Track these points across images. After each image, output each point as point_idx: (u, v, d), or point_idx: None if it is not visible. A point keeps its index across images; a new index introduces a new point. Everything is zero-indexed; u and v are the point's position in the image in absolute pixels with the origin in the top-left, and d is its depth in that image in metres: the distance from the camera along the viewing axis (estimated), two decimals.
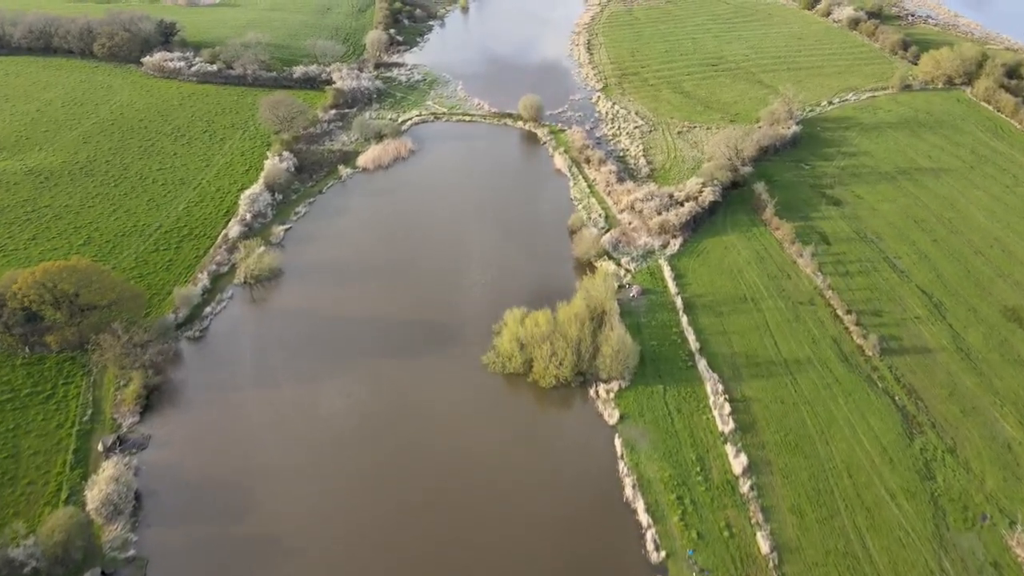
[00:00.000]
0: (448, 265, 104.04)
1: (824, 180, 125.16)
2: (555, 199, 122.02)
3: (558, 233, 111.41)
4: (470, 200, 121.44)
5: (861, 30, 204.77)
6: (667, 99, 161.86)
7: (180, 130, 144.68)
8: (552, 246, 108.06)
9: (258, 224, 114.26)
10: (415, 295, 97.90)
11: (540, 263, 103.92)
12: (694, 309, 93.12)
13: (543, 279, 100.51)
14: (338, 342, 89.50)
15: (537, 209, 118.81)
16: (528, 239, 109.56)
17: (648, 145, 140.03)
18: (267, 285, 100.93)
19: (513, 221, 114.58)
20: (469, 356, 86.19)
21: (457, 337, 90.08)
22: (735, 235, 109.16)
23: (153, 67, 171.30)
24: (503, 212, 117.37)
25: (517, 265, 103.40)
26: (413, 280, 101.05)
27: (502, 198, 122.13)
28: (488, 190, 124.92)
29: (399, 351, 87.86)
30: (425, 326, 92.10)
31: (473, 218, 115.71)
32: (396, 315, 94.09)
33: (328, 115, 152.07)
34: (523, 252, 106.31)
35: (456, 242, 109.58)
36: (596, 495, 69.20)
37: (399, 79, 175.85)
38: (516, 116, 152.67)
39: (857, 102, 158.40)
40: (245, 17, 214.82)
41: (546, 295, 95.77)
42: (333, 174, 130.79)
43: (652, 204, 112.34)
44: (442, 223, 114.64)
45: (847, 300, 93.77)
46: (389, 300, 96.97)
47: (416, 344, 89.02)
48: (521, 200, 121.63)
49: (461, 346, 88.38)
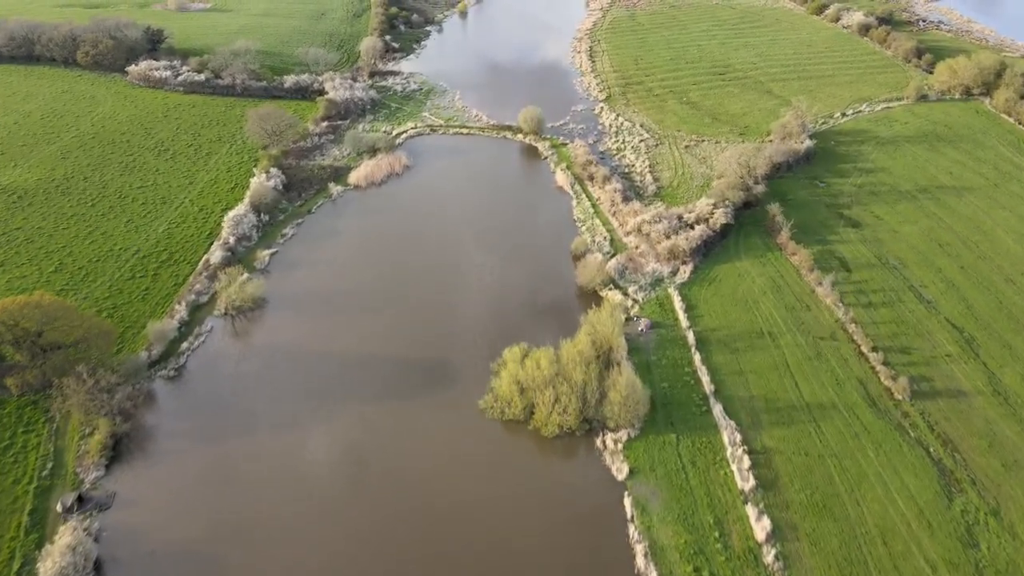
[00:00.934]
0: (443, 294, 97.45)
1: (841, 199, 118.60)
2: (557, 220, 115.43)
3: (561, 258, 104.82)
4: (467, 221, 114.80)
5: (872, 36, 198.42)
6: (673, 110, 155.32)
7: (164, 144, 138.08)
8: (554, 273, 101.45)
9: (242, 248, 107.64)
10: (408, 328, 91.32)
11: (542, 292, 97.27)
12: (707, 345, 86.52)
13: (545, 310, 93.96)
14: (324, 383, 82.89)
15: (538, 231, 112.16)
16: (529, 265, 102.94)
17: (654, 160, 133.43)
18: (250, 316, 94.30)
19: (512, 245, 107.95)
20: (465, 399, 79.62)
21: (452, 377, 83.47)
22: (749, 261, 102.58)
23: (138, 76, 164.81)
24: (502, 234, 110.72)
25: (517, 295, 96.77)
26: (406, 311, 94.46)
27: (501, 219, 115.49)
28: (486, 210, 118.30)
29: (390, 393, 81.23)
30: (418, 364, 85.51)
31: (470, 241, 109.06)
32: (387, 351, 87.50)
33: (319, 128, 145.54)
34: (523, 280, 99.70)
35: (452, 268, 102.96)
36: (604, 564, 62.59)
37: (394, 88, 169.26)
38: (516, 129, 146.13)
39: (871, 114, 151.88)
40: (236, 23, 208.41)
41: (548, 329, 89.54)
42: (323, 192, 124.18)
43: (660, 227, 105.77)
44: (437, 247, 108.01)
45: (872, 335, 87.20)
46: (380, 334, 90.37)
47: (408, 385, 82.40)
48: (521, 221, 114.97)
49: (456, 387, 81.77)
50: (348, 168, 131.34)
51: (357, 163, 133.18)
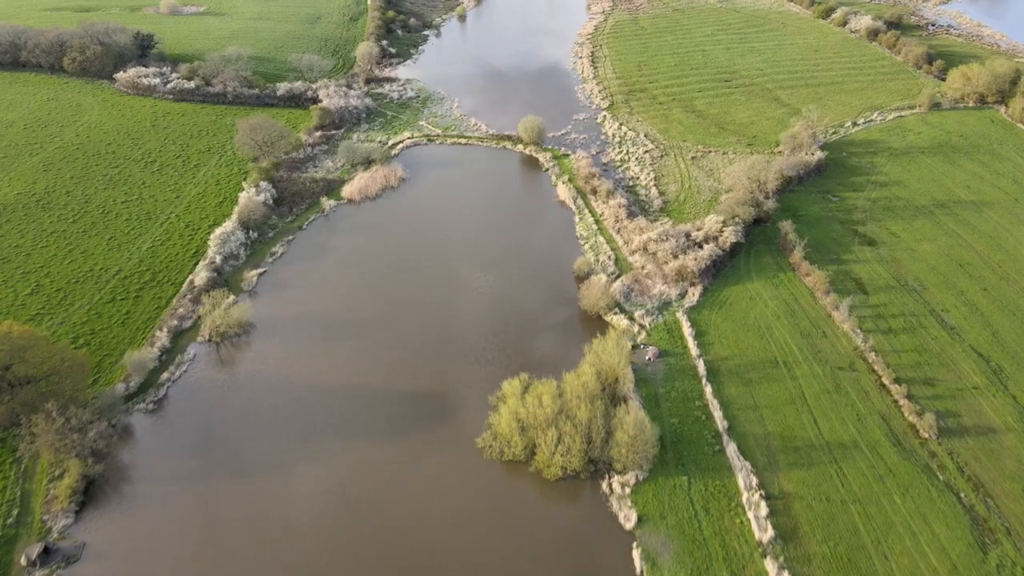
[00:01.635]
0: (440, 318, 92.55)
1: (855, 215, 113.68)
2: (559, 237, 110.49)
3: (563, 279, 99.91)
4: (465, 238, 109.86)
5: (881, 41, 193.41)
6: (678, 119, 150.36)
7: (150, 155, 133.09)
8: (557, 295, 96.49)
9: (229, 268, 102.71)
10: (402, 356, 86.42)
11: (543, 316, 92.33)
12: (719, 376, 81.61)
13: (547, 336, 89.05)
14: (313, 417, 77.99)
15: (539, 249, 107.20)
16: (530, 287, 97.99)
17: (660, 173, 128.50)
18: (235, 343, 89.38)
19: (512, 264, 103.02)
20: (462, 436, 74.75)
21: (449, 411, 78.59)
22: (760, 282, 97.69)
23: (126, 83, 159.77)
24: (501, 253, 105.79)
25: (517, 319, 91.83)
26: (400, 337, 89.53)
27: (500, 236, 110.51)
28: (485, 226, 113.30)
29: (382, 429, 76.34)
30: (413, 396, 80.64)
31: (468, 260, 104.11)
32: (380, 381, 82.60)
33: (312, 138, 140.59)
34: (524, 303, 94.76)
35: (449, 290, 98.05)
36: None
37: (391, 96, 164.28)
38: (516, 139, 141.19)
39: (883, 123, 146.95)
40: (229, 27, 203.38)
41: (550, 357, 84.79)
42: (315, 207, 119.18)
43: (667, 245, 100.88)
44: (434, 266, 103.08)
45: (893, 365, 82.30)
46: (373, 362, 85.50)
47: (402, 419, 77.53)
48: (522, 238, 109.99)
49: (453, 423, 76.91)
50: (342, 181, 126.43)
51: (351, 175, 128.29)
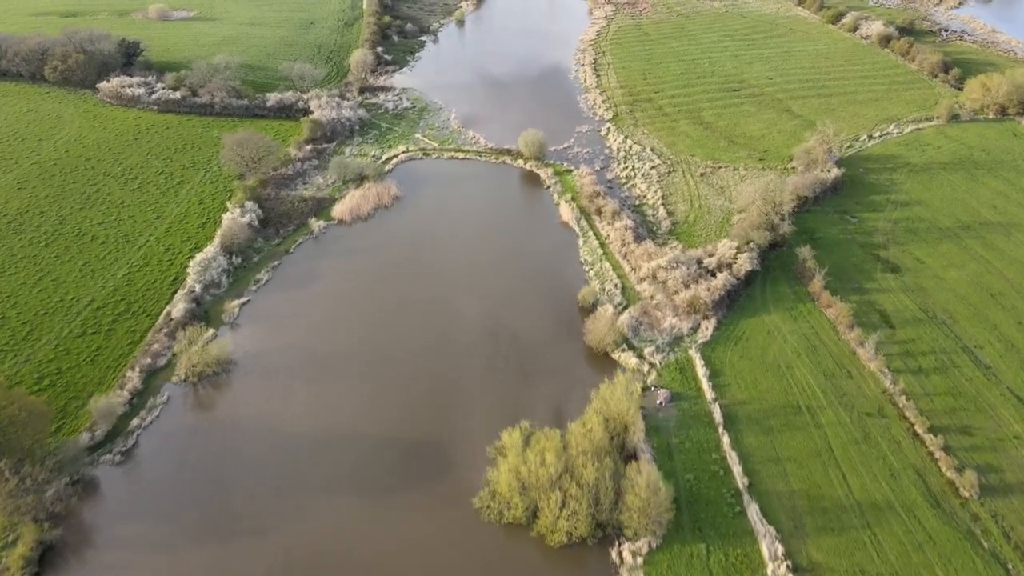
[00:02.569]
0: (435, 356, 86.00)
1: (876, 238, 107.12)
2: (562, 262, 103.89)
3: (567, 310, 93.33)
4: (462, 264, 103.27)
5: (894, 48, 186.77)
6: (685, 132, 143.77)
7: (132, 171, 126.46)
8: (560, 329, 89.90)
9: (210, 297, 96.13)
10: (393, 399, 79.88)
11: (546, 354, 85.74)
12: (737, 423, 75.05)
13: (550, 377, 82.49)
14: (297, 470, 71.47)
15: (541, 277, 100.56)
16: (531, 320, 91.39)
17: (667, 190, 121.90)
18: (214, 383, 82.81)
19: (513, 294, 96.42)
20: (459, 493, 68.22)
21: (444, 464, 72.04)
22: (778, 314, 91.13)
23: (110, 94, 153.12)
24: (501, 281, 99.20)
25: (518, 357, 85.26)
26: (391, 377, 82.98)
27: (500, 261, 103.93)
28: (484, 250, 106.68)
29: (371, 485, 69.82)
30: (405, 445, 74.12)
31: (466, 289, 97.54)
32: (370, 428, 76.08)
33: (303, 152, 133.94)
34: (526, 339, 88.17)
35: (446, 323, 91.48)
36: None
37: (385, 106, 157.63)
38: (516, 153, 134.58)
39: (900, 136, 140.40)
40: (220, 33, 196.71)
41: (554, 400, 78.47)
42: (303, 228, 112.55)
43: (678, 274, 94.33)
44: (429, 296, 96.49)
45: (926, 411, 75.77)
46: (362, 406, 78.97)
47: (393, 474, 71.01)
48: (522, 264, 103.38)
49: (449, 478, 70.36)
50: (332, 199, 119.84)
51: (343, 193, 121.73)
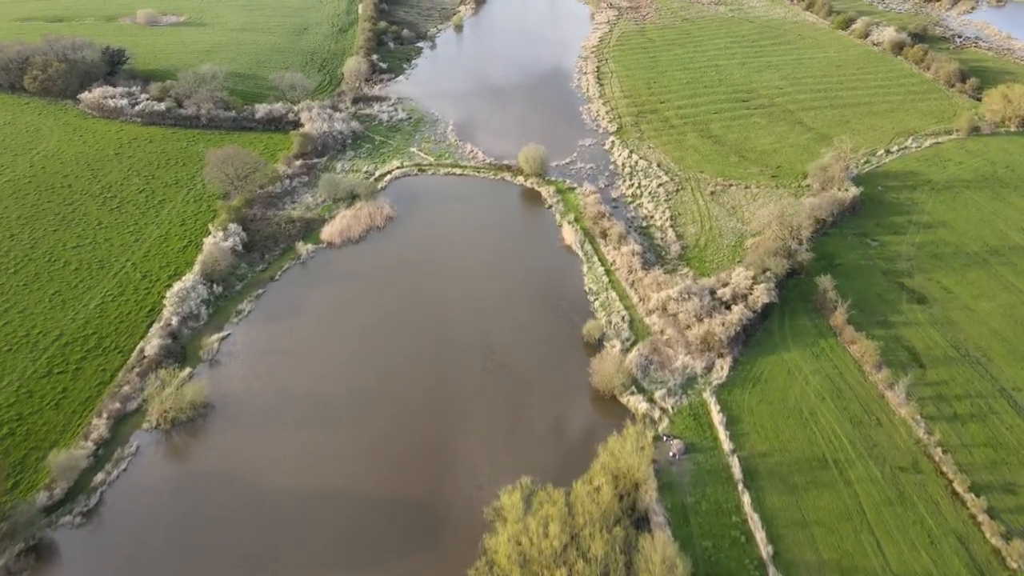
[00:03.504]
0: (427, 399, 79.51)
1: (899, 264, 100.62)
2: (566, 291, 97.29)
3: (572, 348, 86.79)
4: (458, 293, 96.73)
5: (907, 56, 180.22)
6: (693, 146, 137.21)
7: (111, 189, 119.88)
8: (565, 369, 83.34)
9: (188, 331, 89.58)
10: (384, 449, 73.42)
11: (550, 397, 79.22)
12: (757, 479, 68.57)
13: (554, 425, 76.02)
14: (275, 534, 65.02)
15: (543, 308, 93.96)
16: (534, 358, 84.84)
17: (676, 210, 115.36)
18: (189, 429, 76.29)
19: (513, 328, 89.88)
20: (453, 563, 61.66)
21: (436, 526, 65.58)
22: (799, 351, 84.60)
23: (92, 105, 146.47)
24: (500, 313, 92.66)
25: (519, 400, 78.77)
26: (382, 423, 76.49)
27: (499, 291, 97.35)
28: (482, 278, 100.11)
29: (355, 555, 63.34)
30: (396, 505, 67.68)
31: (462, 324, 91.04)
32: (357, 485, 69.63)
33: (292, 168, 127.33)
34: (527, 381, 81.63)
35: (440, 361, 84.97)
36: None
37: (380, 117, 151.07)
38: (516, 169, 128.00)
39: (919, 151, 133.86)
40: (209, 39, 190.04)
41: (558, 451, 72.04)
42: (290, 252, 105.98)
43: (690, 306, 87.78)
44: (422, 331, 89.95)
45: (964, 466, 69.31)
46: (349, 458, 72.52)
47: (382, 540, 64.58)
48: (523, 294, 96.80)
49: (443, 544, 63.95)
50: (321, 220, 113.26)
51: (333, 212, 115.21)
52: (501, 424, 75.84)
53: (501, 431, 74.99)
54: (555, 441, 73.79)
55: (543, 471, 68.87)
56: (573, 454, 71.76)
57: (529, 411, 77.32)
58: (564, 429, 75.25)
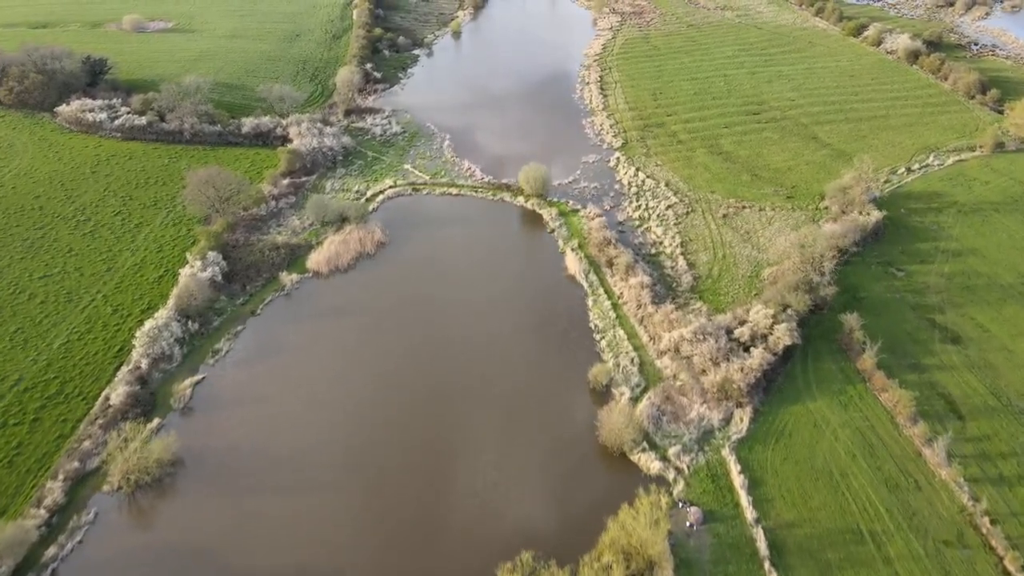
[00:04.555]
0: (420, 458, 72.33)
1: (928, 297, 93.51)
2: (569, 328, 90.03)
3: (576, 395, 79.62)
4: (453, 330, 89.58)
5: (923, 65, 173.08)
6: (703, 163, 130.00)
7: (85, 211, 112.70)
8: (569, 421, 76.13)
9: (159, 375, 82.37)
10: (370, 519, 66.29)
11: (553, 457, 72.01)
12: (785, 555, 61.44)
13: (558, 487, 68.88)
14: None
15: (546, 348, 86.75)
16: (535, 409, 77.65)
17: (687, 236, 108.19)
18: (154, 491, 69.15)
19: (512, 372, 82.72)
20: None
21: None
22: (825, 400, 77.44)
23: (69, 118, 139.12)
24: (498, 354, 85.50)
25: (519, 461, 71.57)
26: (369, 484, 69.43)
27: (497, 327, 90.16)
28: (478, 314, 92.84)
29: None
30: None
31: (456, 367, 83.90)
32: (339, 563, 62.41)
33: (279, 187, 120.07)
34: (528, 436, 74.47)
35: (432, 412, 77.80)
36: None
37: (373, 131, 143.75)
38: (516, 189, 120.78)
39: (942, 169, 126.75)
40: (197, 47, 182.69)
41: (562, 520, 64.98)
42: (274, 283, 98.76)
43: (705, 348, 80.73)
44: (412, 377, 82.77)
45: (1016, 539, 62.27)
46: (334, 528, 65.41)
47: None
48: (523, 330, 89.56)
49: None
50: (308, 246, 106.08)
51: (321, 237, 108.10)
52: (500, 487, 68.68)
53: (500, 495, 67.84)
54: (559, 507, 66.64)
55: (546, 543, 61.87)
56: (579, 523, 64.67)
57: (531, 472, 70.16)
58: (569, 493, 68.07)
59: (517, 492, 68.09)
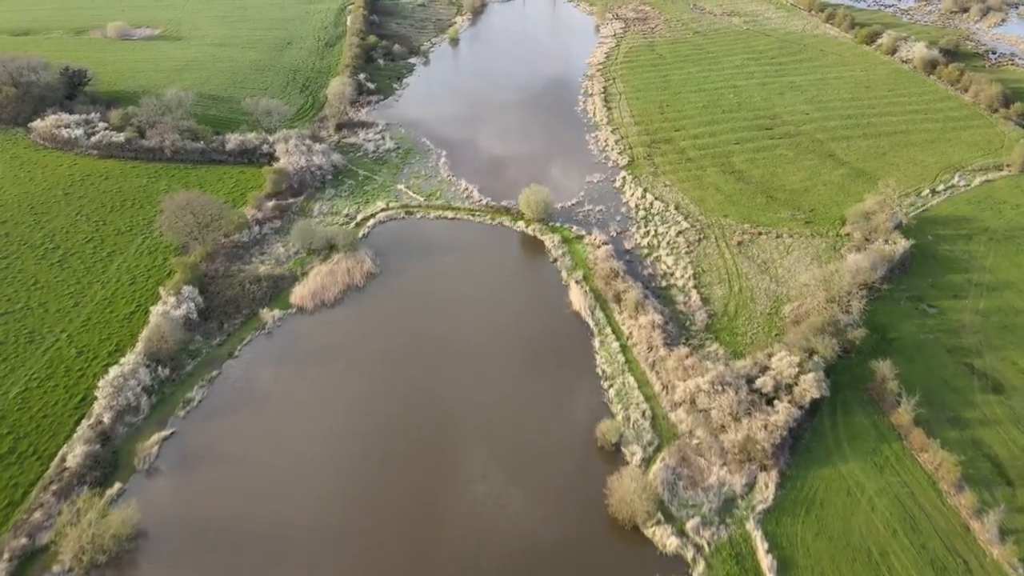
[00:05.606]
0: (408, 530, 64.83)
1: (964, 338, 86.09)
2: (574, 375, 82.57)
3: (582, 453, 72.15)
4: (446, 379, 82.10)
5: (941, 75, 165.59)
6: (714, 183, 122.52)
7: (54, 238, 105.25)
8: (574, 488, 68.54)
9: (124, 429, 74.91)
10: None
11: (556, 532, 64.50)
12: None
13: (561, 566, 61.30)
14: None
15: (548, 399, 79.21)
16: (536, 472, 70.12)
17: (699, 266, 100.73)
18: (115, 566, 61.64)
19: (512, 427, 75.23)
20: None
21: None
22: (857, 461, 69.99)
23: (43, 135, 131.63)
24: (497, 407, 77.96)
25: (520, 541, 64.05)
26: (354, 565, 61.86)
27: (496, 373, 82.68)
28: (474, 358, 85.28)
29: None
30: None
31: (448, 421, 76.42)
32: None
33: (264, 210, 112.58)
34: (528, 501, 66.96)
35: (421, 476, 70.33)
36: None
37: (365, 147, 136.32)
38: (516, 213, 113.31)
39: (969, 191, 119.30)
40: (184, 56, 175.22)
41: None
42: (254, 321, 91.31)
43: (724, 400, 73.30)
44: (399, 431, 75.31)
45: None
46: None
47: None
48: (524, 377, 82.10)
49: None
50: (293, 277, 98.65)
51: (307, 267, 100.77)
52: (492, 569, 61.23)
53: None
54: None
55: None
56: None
57: (533, 553, 62.59)
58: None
59: (513, 569, 60.64)
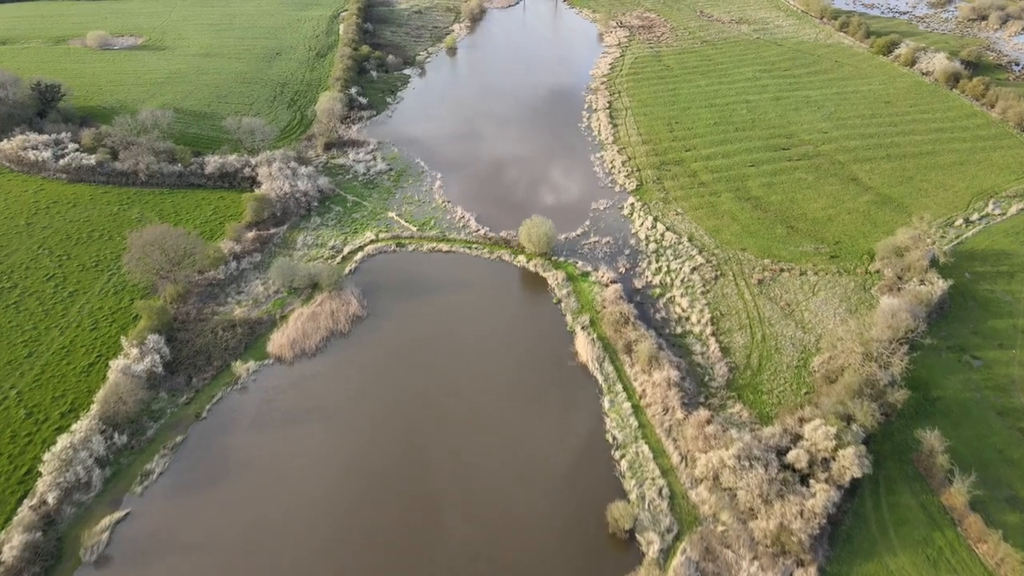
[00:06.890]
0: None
1: (1015, 397, 77.29)
2: (581, 443, 73.67)
3: (593, 544, 63.27)
4: (438, 445, 73.26)
5: (965, 89, 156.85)
6: (730, 211, 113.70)
7: (12, 276, 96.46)
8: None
9: (71, 511, 66.13)
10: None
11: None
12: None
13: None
14: None
15: (551, 473, 70.33)
16: (538, 567, 61.27)
17: (717, 308, 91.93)
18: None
19: (511, 510, 66.38)
20: None
21: None
22: (907, 554, 61.19)
23: (9, 156, 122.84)
24: (494, 487, 69.10)
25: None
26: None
27: (493, 442, 73.79)
28: (469, 422, 76.43)
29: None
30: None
31: (441, 494, 67.60)
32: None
33: (243, 243, 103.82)
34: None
35: (411, 562, 61.51)
36: None
37: (355, 169, 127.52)
38: (517, 246, 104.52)
39: (1005, 221, 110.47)
40: (167, 67, 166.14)
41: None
42: (226, 374, 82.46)
43: (752, 478, 64.60)
44: (388, 505, 66.50)
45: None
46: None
47: None
48: (524, 446, 73.22)
49: None
50: (271, 321, 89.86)
51: (287, 308, 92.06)
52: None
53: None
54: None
55: None
56: None
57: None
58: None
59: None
